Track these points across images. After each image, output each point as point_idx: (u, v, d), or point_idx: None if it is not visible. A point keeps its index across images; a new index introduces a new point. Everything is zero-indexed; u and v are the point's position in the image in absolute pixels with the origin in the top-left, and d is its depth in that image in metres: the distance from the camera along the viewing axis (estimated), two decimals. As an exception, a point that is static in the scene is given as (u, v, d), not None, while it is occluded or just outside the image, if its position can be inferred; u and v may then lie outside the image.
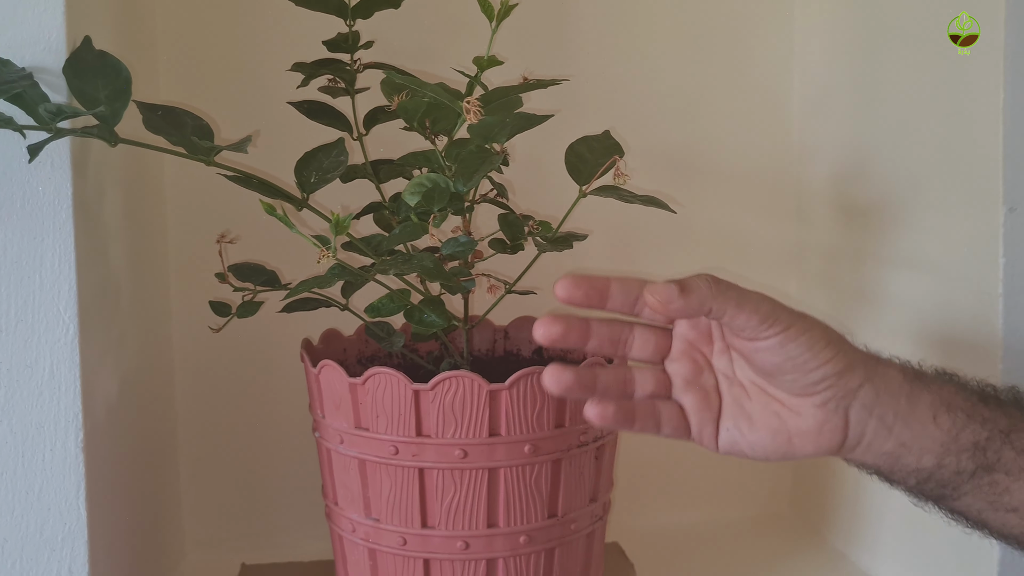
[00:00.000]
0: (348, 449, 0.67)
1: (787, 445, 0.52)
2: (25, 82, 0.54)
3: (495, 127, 0.58)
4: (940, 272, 0.77)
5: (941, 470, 0.51)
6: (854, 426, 0.51)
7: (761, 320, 0.49)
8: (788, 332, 0.49)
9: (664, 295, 0.49)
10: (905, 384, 0.52)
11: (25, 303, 0.58)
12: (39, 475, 0.59)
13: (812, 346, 0.49)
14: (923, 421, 0.51)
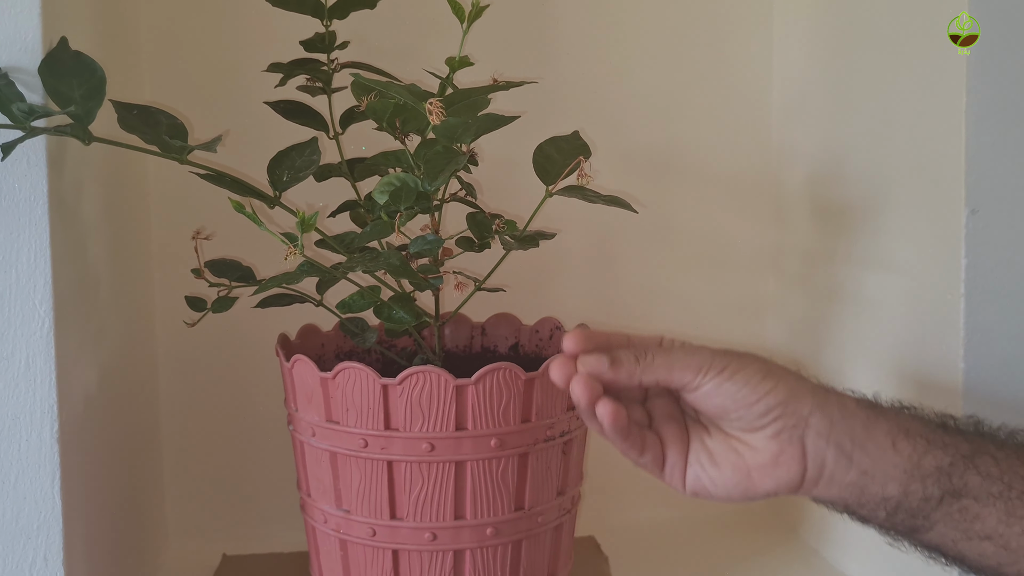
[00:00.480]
0: (320, 442, 0.68)
1: (747, 480, 0.54)
2: (1, 82, 0.56)
3: (459, 128, 0.59)
4: (907, 273, 0.78)
5: (908, 498, 0.52)
6: (812, 456, 0.52)
7: (695, 373, 0.52)
8: (723, 373, 0.52)
9: (595, 367, 0.53)
10: (860, 411, 0.53)
11: (1, 297, 0.60)
12: (15, 465, 0.61)
13: (748, 380, 0.52)
14: (882, 447, 0.52)
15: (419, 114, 0.65)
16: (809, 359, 0.95)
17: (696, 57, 0.99)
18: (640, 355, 0.53)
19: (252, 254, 0.77)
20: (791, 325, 0.99)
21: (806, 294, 0.96)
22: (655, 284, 1.00)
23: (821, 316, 0.93)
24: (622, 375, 0.53)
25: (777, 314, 1.01)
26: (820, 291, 0.93)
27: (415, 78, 0.78)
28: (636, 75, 0.98)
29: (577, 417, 0.72)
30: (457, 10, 0.71)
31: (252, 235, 0.82)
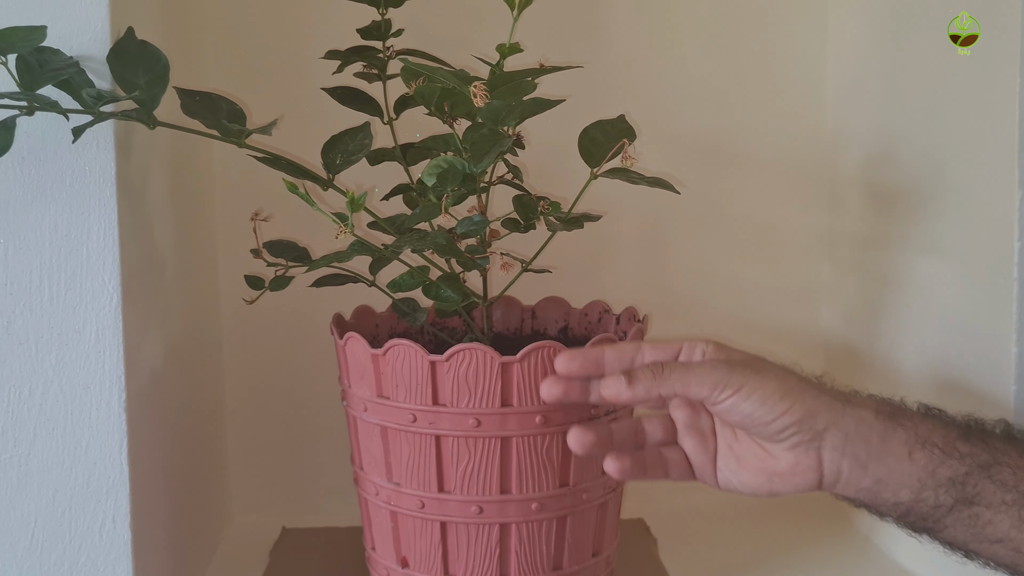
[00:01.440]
0: (371, 417, 0.71)
1: (769, 483, 0.57)
2: (72, 69, 0.59)
3: (503, 110, 0.61)
4: (960, 257, 0.77)
5: (919, 504, 0.54)
6: (828, 465, 0.55)
7: (711, 389, 0.55)
8: (740, 393, 0.54)
9: (614, 389, 0.56)
10: (878, 423, 0.55)
11: (73, 273, 0.64)
12: (86, 432, 0.64)
13: (765, 401, 0.54)
14: (898, 457, 0.54)
15: (467, 98, 0.67)
16: (863, 345, 0.94)
17: (749, 41, 0.99)
18: (657, 370, 0.56)
19: (310, 236, 0.80)
20: (845, 311, 0.98)
21: (860, 280, 0.95)
22: (707, 269, 1.01)
23: (875, 302, 0.92)
24: (639, 392, 0.56)
25: (831, 300, 1.00)
26: (874, 277, 0.92)
27: (468, 65, 0.80)
28: (688, 60, 0.98)
29: (622, 397, 0.73)
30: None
31: (310, 218, 0.85)
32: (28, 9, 0.62)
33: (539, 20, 0.77)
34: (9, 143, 0.56)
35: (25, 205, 0.63)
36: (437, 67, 0.62)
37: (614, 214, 0.79)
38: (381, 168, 0.79)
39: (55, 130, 0.63)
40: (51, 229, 0.63)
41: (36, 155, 0.63)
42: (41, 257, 0.63)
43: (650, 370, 0.56)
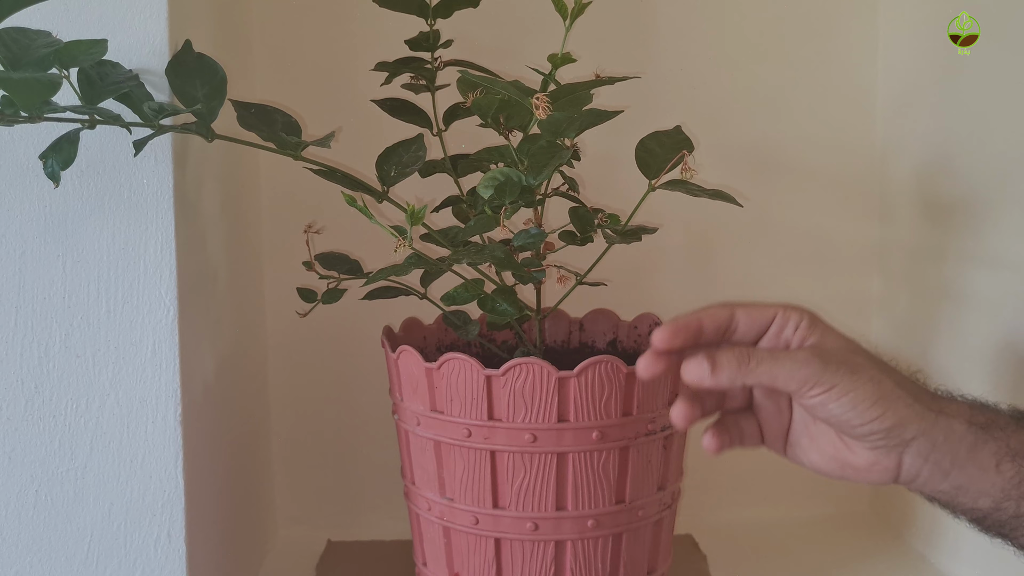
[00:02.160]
0: (424, 431, 0.70)
1: (841, 471, 0.55)
2: (132, 83, 0.59)
3: (564, 122, 0.60)
4: (1020, 269, 0.75)
5: (998, 512, 0.52)
6: (907, 468, 0.53)
7: (800, 384, 0.51)
8: (830, 393, 0.51)
9: (696, 375, 0.52)
10: (968, 434, 0.52)
11: (131, 286, 0.63)
12: (141, 445, 0.64)
13: (856, 406, 0.51)
14: (984, 468, 0.52)
15: (523, 110, 0.66)
16: (917, 359, 0.92)
17: (799, 52, 0.97)
18: (743, 359, 0.52)
19: (358, 248, 0.80)
20: (897, 324, 0.96)
21: (913, 292, 0.93)
22: (755, 281, 0.99)
23: (929, 315, 0.90)
24: (723, 380, 0.52)
25: (882, 313, 0.99)
26: (928, 289, 0.90)
27: (514, 75, 0.79)
28: (737, 70, 0.97)
29: (678, 412, 0.72)
30: (560, 7, 0.72)
31: (358, 229, 0.85)
32: (87, 22, 0.62)
33: (586, 30, 0.77)
34: (73, 157, 0.56)
35: (83, 218, 0.63)
36: (495, 79, 0.62)
37: (661, 225, 0.77)
38: (428, 179, 0.78)
39: (113, 143, 0.63)
40: (109, 242, 0.63)
41: (95, 168, 0.63)
42: (99, 270, 0.63)
43: (736, 358, 0.52)
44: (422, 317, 0.81)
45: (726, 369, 0.52)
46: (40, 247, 0.63)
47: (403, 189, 0.75)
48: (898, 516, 0.95)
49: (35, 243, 0.63)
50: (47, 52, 0.52)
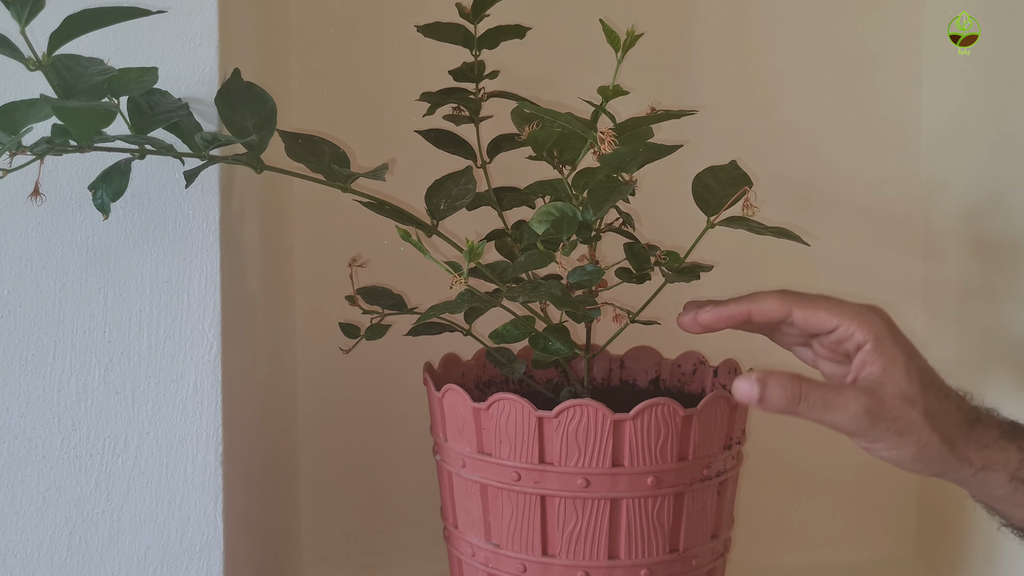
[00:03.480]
0: (470, 473, 0.68)
1: None
2: (182, 112, 0.57)
3: (627, 157, 0.58)
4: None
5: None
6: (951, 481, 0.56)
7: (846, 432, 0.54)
8: (873, 446, 0.54)
9: (744, 394, 0.54)
10: (1010, 487, 0.54)
11: (173, 321, 0.61)
12: (180, 486, 0.62)
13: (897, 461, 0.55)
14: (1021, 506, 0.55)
15: (578, 142, 0.65)
16: (965, 400, 0.90)
17: (842, 86, 0.96)
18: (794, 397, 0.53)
19: (389, 280, 0.78)
20: (944, 364, 0.92)
21: (961, 332, 0.91)
22: (796, 318, 0.97)
23: (978, 355, 0.88)
24: (769, 409, 0.54)
25: (927, 351, 0.96)
26: (978, 329, 0.88)
27: (557, 106, 0.78)
28: (779, 104, 0.96)
29: (734, 457, 0.69)
30: (612, 39, 0.70)
31: (390, 262, 0.83)
32: (136, 49, 0.60)
33: (627, 62, 0.75)
34: (124, 187, 0.54)
35: (127, 250, 0.61)
36: (555, 112, 0.60)
37: (699, 258, 0.75)
38: (470, 212, 0.76)
39: (159, 174, 0.61)
40: (152, 275, 0.61)
41: (139, 199, 0.61)
42: (141, 303, 0.61)
43: (787, 394, 0.53)
44: (456, 350, 0.79)
45: (774, 402, 0.53)
46: (81, 279, 0.61)
47: (446, 222, 0.73)
48: (945, 562, 0.92)
49: (76, 275, 0.61)
50: (100, 80, 0.50)
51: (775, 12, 0.95)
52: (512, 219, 0.77)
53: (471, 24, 0.76)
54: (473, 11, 0.76)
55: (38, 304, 0.60)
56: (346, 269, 0.77)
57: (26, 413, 0.61)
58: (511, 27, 0.77)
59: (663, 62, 0.94)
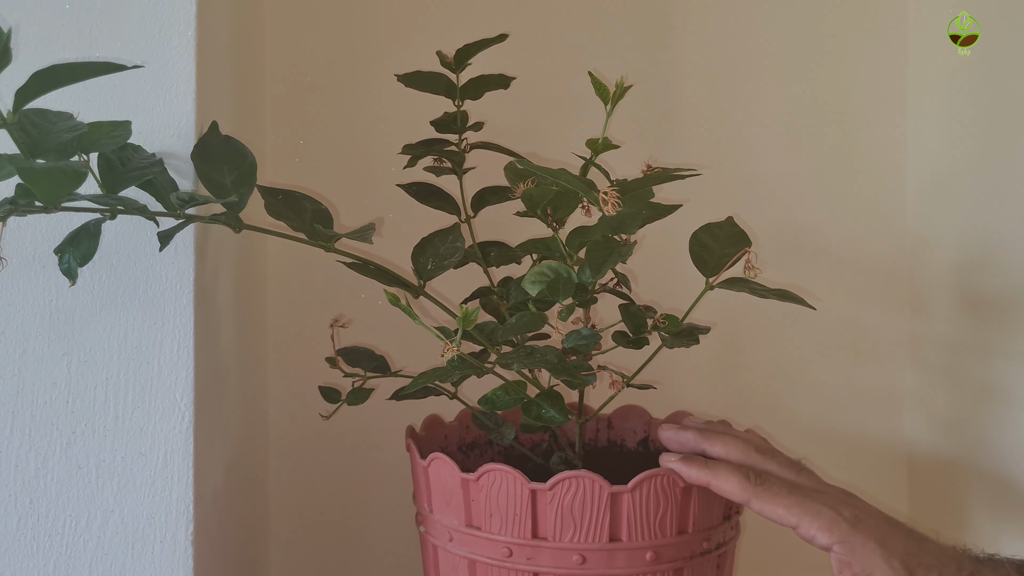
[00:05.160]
0: (457, 548, 0.64)
1: None
2: (156, 168, 0.54)
3: (629, 218, 0.56)
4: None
5: None
6: None
7: None
8: None
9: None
10: None
11: (143, 389, 0.57)
12: (147, 568, 0.57)
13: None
14: None
15: (571, 201, 0.62)
16: (957, 459, 0.88)
17: (826, 140, 0.95)
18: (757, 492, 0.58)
19: (370, 338, 0.74)
20: (934, 421, 0.92)
21: (953, 389, 0.89)
22: (783, 373, 0.95)
23: (972, 413, 0.86)
24: None
25: (917, 408, 0.95)
26: (970, 386, 0.87)
27: (539, 156, 0.76)
28: (763, 157, 0.94)
29: (732, 527, 0.66)
30: (601, 91, 0.68)
31: (372, 318, 0.80)
32: (108, 102, 0.57)
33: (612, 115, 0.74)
34: (93, 251, 0.50)
35: (93, 314, 0.57)
36: (554, 169, 0.57)
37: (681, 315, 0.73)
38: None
39: (129, 232, 0.57)
40: (120, 340, 0.57)
41: (108, 259, 0.57)
42: (107, 371, 0.57)
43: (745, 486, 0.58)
44: (440, 411, 0.76)
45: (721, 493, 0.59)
46: (43, 345, 0.57)
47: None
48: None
49: (38, 341, 0.57)
50: (70, 137, 0.47)
51: (759, 64, 0.94)
52: (498, 276, 0.74)
53: (453, 73, 0.74)
54: (456, 60, 0.74)
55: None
56: (320, 327, 0.73)
57: (-21, 491, 0.56)
58: (495, 76, 0.75)
59: (647, 113, 0.92)
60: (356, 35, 0.89)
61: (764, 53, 0.94)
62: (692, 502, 0.62)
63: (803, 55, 0.94)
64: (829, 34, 0.94)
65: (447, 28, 0.87)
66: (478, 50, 0.73)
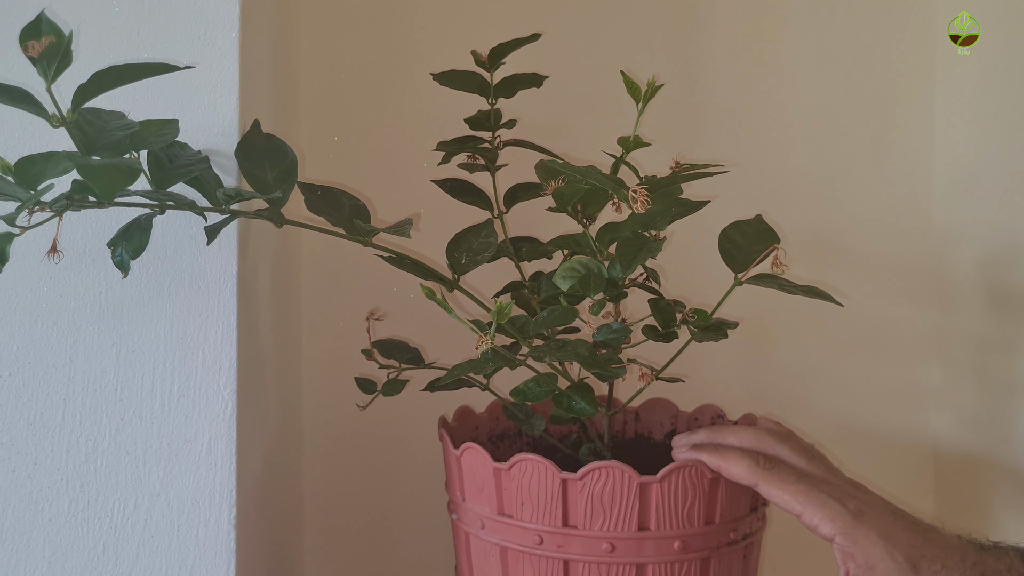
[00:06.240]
0: (489, 535, 0.66)
1: None
2: (202, 165, 0.56)
3: (658, 215, 0.57)
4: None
5: None
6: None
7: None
8: None
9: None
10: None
11: (188, 378, 0.59)
12: (192, 550, 0.59)
13: None
14: None
15: (601, 198, 0.63)
16: (983, 455, 0.88)
17: (853, 135, 0.96)
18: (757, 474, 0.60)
19: (403, 330, 0.76)
20: (960, 417, 0.93)
21: (979, 385, 0.90)
22: (810, 368, 0.96)
23: (999, 409, 0.87)
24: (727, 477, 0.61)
25: (943, 404, 0.95)
26: (997, 382, 0.87)
27: (571, 153, 0.77)
28: (790, 153, 0.95)
29: (760, 519, 0.68)
30: (633, 89, 0.69)
31: (404, 311, 0.82)
32: (155, 101, 0.59)
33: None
34: (144, 245, 0.52)
35: (141, 305, 0.59)
36: (582, 168, 0.59)
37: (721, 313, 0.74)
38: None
39: (176, 227, 0.59)
40: (167, 331, 0.59)
41: (155, 253, 0.59)
42: (155, 361, 0.59)
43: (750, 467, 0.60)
44: (471, 402, 0.77)
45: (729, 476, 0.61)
46: (94, 335, 0.59)
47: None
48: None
49: (89, 331, 0.59)
50: (123, 135, 0.49)
51: (787, 63, 0.95)
52: (529, 270, 0.76)
53: (487, 72, 0.75)
54: (490, 59, 0.75)
55: (48, 361, 0.59)
56: (351, 319, 0.75)
57: (32, 474, 0.58)
58: (528, 75, 0.76)
59: (676, 111, 0.93)
60: (390, 34, 0.91)
61: (792, 51, 0.95)
62: (720, 493, 0.63)
63: (831, 53, 0.95)
64: (857, 32, 0.95)
65: (481, 27, 0.89)
66: (511, 49, 0.74)
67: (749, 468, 0.59)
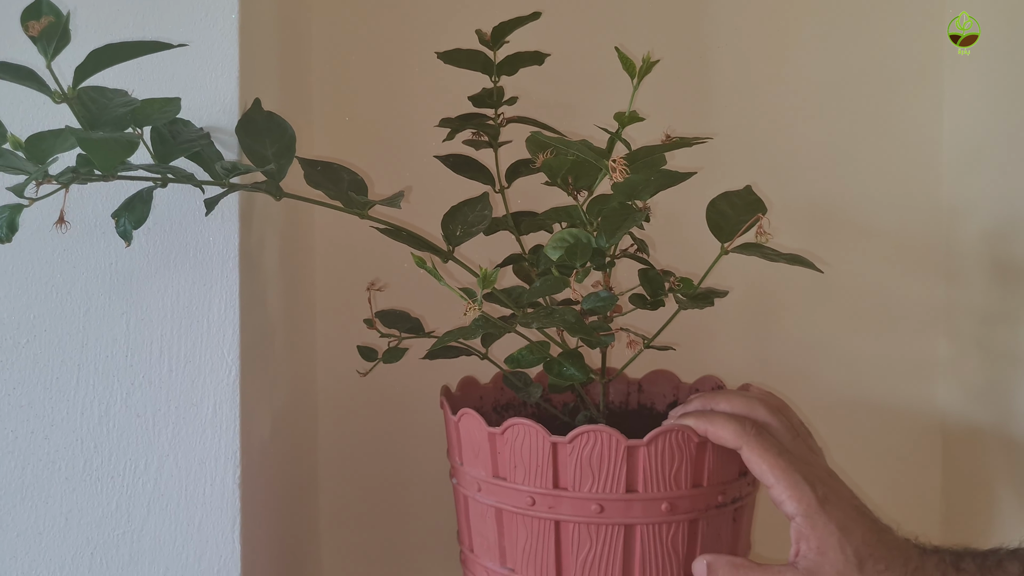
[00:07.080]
0: (485, 497, 0.68)
1: None
2: (203, 141, 0.59)
3: (639, 185, 0.58)
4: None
5: None
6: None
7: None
8: None
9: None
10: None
11: (193, 345, 0.62)
12: (199, 508, 0.63)
13: None
14: None
15: (592, 170, 0.65)
16: (990, 428, 0.89)
17: (862, 110, 0.96)
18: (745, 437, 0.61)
19: (409, 304, 0.78)
20: (967, 390, 0.93)
21: (986, 358, 0.90)
22: (816, 342, 0.97)
23: (1005, 382, 0.87)
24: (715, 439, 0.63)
25: (950, 377, 0.95)
26: (1003, 355, 0.87)
27: (575, 130, 0.78)
28: (799, 128, 0.96)
29: (749, 483, 0.69)
30: (628, 66, 0.71)
31: (411, 286, 0.84)
32: (159, 80, 0.62)
33: (647, 87, 0.76)
34: (146, 215, 0.55)
35: (149, 276, 0.62)
36: (568, 139, 0.60)
37: (717, 283, 0.76)
38: (488, 237, 0.77)
39: (180, 201, 0.62)
40: (173, 300, 0.62)
41: (161, 226, 0.62)
42: (162, 328, 0.62)
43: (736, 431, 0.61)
44: (476, 374, 0.80)
45: (717, 437, 0.62)
46: (105, 304, 0.62)
47: (463, 246, 0.73)
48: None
49: (100, 300, 0.62)
50: (124, 112, 0.52)
51: (793, 36, 0.95)
52: (530, 243, 0.78)
53: (490, 51, 0.77)
54: (493, 38, 0.77)
55: (62, 329, 0.62)
56: (364, 293, 0.77)
57: (50, 436, 0.62)
58: (530, 53, 0.78)
59: (681, 87, 0.94)
60: (401, 17, 0.93)
61: (798, 24, 0.95)
62: (707, 457, 0.65)
63: (838, 26, 0.95)
64: (865, 5, 0.95)
65: (484, 6, 0.90)
66: (514, 28, 0.76)
67: (735, 431, 0.61)
